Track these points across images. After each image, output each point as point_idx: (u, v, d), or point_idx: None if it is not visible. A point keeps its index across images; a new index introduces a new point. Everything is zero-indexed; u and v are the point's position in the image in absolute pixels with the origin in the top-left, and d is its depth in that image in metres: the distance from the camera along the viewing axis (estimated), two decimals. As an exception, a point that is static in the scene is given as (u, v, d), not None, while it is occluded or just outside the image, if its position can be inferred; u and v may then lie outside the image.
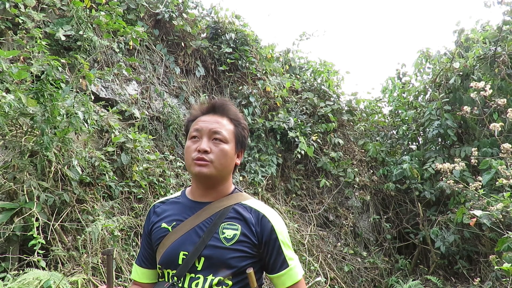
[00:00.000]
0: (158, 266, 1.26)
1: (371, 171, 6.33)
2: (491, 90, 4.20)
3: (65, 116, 2.93)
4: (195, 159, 1.22)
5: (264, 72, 6.07)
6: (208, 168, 1.21)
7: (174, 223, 1.25)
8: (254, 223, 1.22)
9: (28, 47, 3.23)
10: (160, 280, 1.26)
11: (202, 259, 1.17)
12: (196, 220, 1.23)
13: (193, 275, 1.17)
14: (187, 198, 1.31)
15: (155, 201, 3.79)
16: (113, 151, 3.69)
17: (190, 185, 1.37)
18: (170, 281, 1.20)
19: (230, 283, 1.16)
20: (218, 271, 1.16)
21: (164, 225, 1.26)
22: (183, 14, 5.29)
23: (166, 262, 1.21)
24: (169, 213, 1.29)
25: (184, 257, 1.18)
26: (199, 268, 1.17)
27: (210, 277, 1.16)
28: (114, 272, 3.01)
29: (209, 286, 1.15)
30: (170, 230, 1.24)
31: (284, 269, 1.21)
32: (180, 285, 1.17)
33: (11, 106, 2.64)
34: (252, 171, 5.23)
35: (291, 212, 5.43)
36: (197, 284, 1.16)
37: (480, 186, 4.13)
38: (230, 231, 1.20)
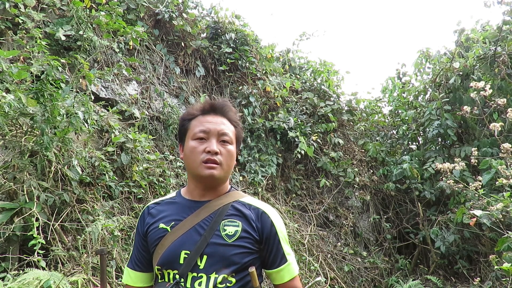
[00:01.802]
0: (157, 267, 1.23)
1: (371, 171, 6.33)
2: (491, 90, 4.20)
3: (65, 116, 2.93)
4: (204, 161, 1.21)
5: (264, 72, 6.07)
6: (218, 170, 1.22)
7: (173, 223, 1.23)
8: (254, 219, 1.24)
9: (28, 47, 3.23)
10: (159, 281, 1.23)
11: (205, 257, 1.17)
12: (195, 219, 1.22)
13: (195, 274, 1.16)
14: (184, 198, 1.30)
15: (154, 201, 3.80)
16: (113, 151, 3.69)
17: (184, 186, 1.38)
18: (172, 281, 1.17)
19: (233, 280, 1.16)
20: (221, 269, 1.15)
21: (162, 225, 1.24)
22: (183, 14, 5.29)
23: (167, 263, 1.19)
24: (166, 214, 1.27)
25: (186, 256, 1.17)
26: (201, 267, 1.16)
27: (213, 276, 1.15)
28: (113, 271, 3.02)
29: (213, 285, 1.14)
30: (169, 230, 1.22)
31: (283, 264, 1.24)
32: (182, 284, 1.16)
33: (11, 106, 2.64)
34: (252, 171, 5.23)
35: (291, 212, 5.43)
36: (200, 284, 1.15)
37: (480, 186, 4.12)
38: (232, 228, 1.20)
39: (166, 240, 1.21)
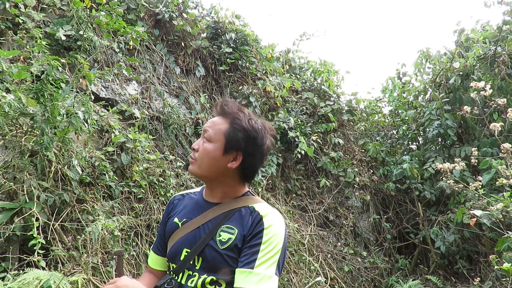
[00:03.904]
0: (166, 258, 1.32)
1: (371, 171, 6.33)
2: (491, 90, 4.19)
3: (65, 116, 2.93)
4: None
5: (264, 72, 6.07)
6: (192, 166, 1.26)
7: (184, 219, 1.29)
8: (250, 226, 1.18)
9: (28, 47, 3.23)
10: (167, 272, 1.31)
11: (200, 259, 1.20)
12: (202, 219, 1.26)
13: (190, 272, 1.21)
14: (201, 196, 1.34)
15: (155, 201, 3.81)
16: (113, 151, 3.69)
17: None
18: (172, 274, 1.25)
19: (223, 284, 1.17)
20: (213, 272, 1.18)
21: (176, 220, 1.31)
22: (183, 14, 5.29)
23: (172, 257, 1.26)
24: (183, 208, 1.34)
25: (186, 254, 1.22)
26: (197, 267, 1.20)
27: (204, 276, 1.18)
28: (113, 272, 3.02)
29: (201, 283, 1.17)
30: (180, 226, 1.28)
31: (246, 268, 1.11)
32: (178, 280, 1.22)
33: (11, 106, 2.64)
34: (252, 171, 5.22)
35: (291, 212, 5.43)
36: (192, 281, 1.19)
37: (480, 186, 4.12)
38: (226, 235, 1.19)
39: (175, 235, 1.28)
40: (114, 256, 2.94)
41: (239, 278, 1.11)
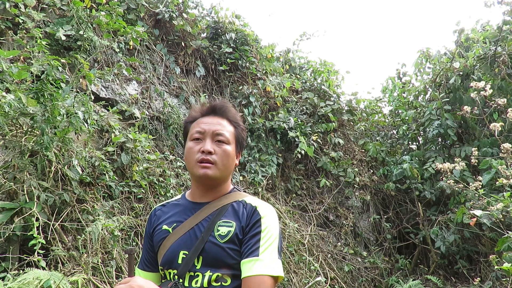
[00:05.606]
0: (160, 267, 1.28)
1: (371, 171, 6.33)
2: (491, 90, 4.20)
3: (65, 116, 2.93)
4: (199, 161, 1.23)
5: (264, 72, 6.07)
6: (212, 169, 1.23)
7: (175, 224, 1.27)
8: (246, 217, 1.23)
9: (28, 47, 3.23)
10: (163, 281, 1.27)
11: (201, 257, 1.19)
12: (195, 220, 1.25)
13: (192, 273, 1.19)
14: (187, 200, 1.33)
15: (155, 201, 3.81)
16: (113, 151, 3.69)
17: (186, 186, 1.39)
18: (173, 280, 1.21)
19: (228, 280, 1.17)
20: (216, 268, 1.17)
21: (165, 227, 1.28)
22: (183, 14, 5.29)
23: (168, 263, 1.23)
24: (170, 215, 1.31)
25: (184, 256, 1.20)
26: (198, 267, 1.19)
27: (208, 274, 1.17)
28: (113, 271, 3.02)
29: (207, 282, 1.16)
30: (171, 232, 1.26)
31: (251, 257, 1.15)
32: (182, 284, 1.19)
33: (11, 106, 2.64)
34: (252, 171, 5.23)
35: (291, 212, 5.43)
36: (196, 282, 1.17)
37: (480, 186, 4.12)
38: (225, 228, 1.21)
39: (167, 241, 1.25)
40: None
41: (247, 267, 1.14)
